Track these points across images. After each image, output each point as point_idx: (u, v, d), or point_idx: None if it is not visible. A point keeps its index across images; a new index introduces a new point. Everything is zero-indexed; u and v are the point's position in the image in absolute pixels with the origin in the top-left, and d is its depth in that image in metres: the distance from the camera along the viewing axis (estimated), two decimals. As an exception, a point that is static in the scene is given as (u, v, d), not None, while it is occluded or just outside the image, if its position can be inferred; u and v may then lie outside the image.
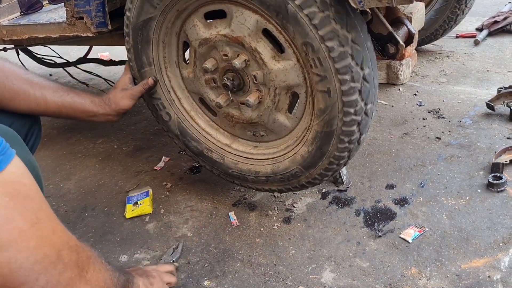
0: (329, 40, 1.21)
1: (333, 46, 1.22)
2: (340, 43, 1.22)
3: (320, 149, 1.42)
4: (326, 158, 1.43)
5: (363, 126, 1.38)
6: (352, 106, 1.30)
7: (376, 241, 1.57)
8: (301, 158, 1.48)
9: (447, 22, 2.84)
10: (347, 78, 1.25)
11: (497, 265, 1.41)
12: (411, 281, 1.40)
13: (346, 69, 1.24)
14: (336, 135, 1.36)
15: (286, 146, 1.56)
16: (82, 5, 1.63)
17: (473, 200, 1.69)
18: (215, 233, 1.70)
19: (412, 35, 1.63)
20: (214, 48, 1.48)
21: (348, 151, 1.41)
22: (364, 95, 1.31)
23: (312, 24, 1.20)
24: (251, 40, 1.38)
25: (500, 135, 2.07)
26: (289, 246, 1.60)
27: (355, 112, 1.32)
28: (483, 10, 3.80)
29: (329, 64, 1.24)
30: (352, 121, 1.33)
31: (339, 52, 1.22)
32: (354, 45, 1.24)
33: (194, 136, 1.71)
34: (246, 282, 1.47)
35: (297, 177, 1.53)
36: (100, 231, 1.78)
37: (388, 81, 2.71)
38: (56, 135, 2.64)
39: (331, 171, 1.48)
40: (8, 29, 1.96)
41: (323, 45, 1.22)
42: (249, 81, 1.47)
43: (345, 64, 1.24)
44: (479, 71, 2.77)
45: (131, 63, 1.65)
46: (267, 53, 1.38)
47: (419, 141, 2.11)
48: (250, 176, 1.64)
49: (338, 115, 1.32)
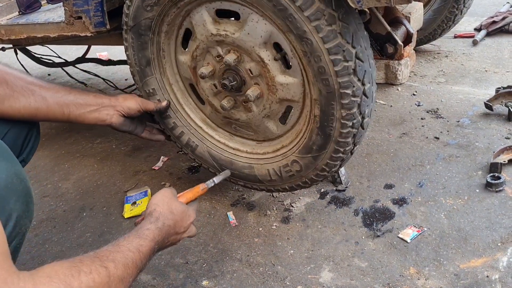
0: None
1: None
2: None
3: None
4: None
5: (363, 107, 1.38)
6: (349, 87, 1.30)
7: (374, 241, 1.57)
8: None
9: (446, 22, 2.84)
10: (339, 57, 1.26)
11: (496, 265, 1.41)
12: (410, 280, 1.40)
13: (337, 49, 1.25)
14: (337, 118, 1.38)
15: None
16: (81, 5, 1.63)
17: (472, 200, 1.70)
18: (214, 233, 1.70)
19: (411, 35, 1.63)
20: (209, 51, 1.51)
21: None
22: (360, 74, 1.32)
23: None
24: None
25: (498, 135, 2.07)
26: (288, 246, 1.60)
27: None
28: (482, 10, 3.80)
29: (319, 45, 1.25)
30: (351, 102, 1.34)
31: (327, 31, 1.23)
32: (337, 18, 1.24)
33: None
34: (244, 282, 1.47)
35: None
36: (99, 231, 1.78)
37: (386, 81, 2.71)
38: (54, 135, 2.64)
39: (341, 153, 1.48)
40: (7, 28, 1.96)
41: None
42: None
43: (335, 43, 1.25)
44: (478, 71, 2.77)
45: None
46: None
47: (417, 141, 2.11)
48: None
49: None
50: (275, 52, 1.39)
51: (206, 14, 1.46)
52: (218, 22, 1.46)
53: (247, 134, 1.66)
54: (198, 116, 1.74)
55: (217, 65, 1.52)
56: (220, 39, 1.45)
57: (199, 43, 1.52)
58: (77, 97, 1.43)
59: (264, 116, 1.53)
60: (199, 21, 1.48)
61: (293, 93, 1.43)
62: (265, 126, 1.56)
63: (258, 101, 1.50)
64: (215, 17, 1.46)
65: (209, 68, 1.53)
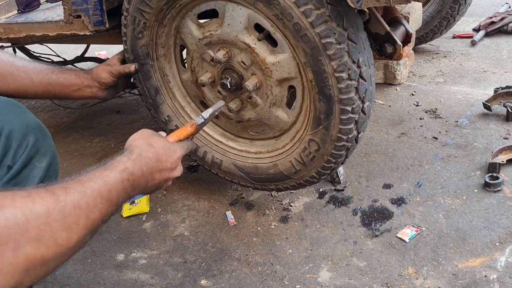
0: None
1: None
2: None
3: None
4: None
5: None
6: (329, 36, 1.27)
7: (373, 240, 1.57)
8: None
9: (445, 22, 2.85)
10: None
11: (494, 265, 1.41)
12: (408, 280, 1.40)
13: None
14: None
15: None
16: (80, 4, 1.63)
17: (470, 200, 1.70)
18: (212, 232, 1.70)
19: (410, 35, 1.63)
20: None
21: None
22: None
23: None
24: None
25: (496, 135, 2.07)
26: (286, 245, 1.60)
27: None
28: (480, 10, 3.81)
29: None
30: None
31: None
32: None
33: None
34: (243, 281, 1.47)
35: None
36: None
37: (385, 81, 2.71)
38: (53, 134, 2.60)
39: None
40: (5, 27, 1.95)
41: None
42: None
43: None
44: (476, 72, 2.78)
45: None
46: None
47: (416, 141, 2.12)
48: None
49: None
50: (258, 33, 1.40)
51: (190, 23, 1.52)
52: (202, 26, 1.51)
53: (264, 133, 1.64)
54: (216, 131, 1.73)
55: (214, 69, 1.53)
56: (208, 41, 1.49)
57: (192, 54, 1.56)
58: (59, 77, 1.51)
59: (271, 106, 1.51)
60: (187, 32, 1.54)
61: (288, 69, 1.41)
62: (275, 116, 1.53)
63: (260, 92, 1.49)
64: (198, 23, 1.51)
65: (207, 75, 1.54)
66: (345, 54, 1.27)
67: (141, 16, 1.53)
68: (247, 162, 1.67)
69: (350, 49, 1.28)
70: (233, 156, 1.70)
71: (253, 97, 1.51)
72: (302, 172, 1.55)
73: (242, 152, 1.69)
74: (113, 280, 1.54)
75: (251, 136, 1.68)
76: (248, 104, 1.54)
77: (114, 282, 1.53)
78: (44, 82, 1.47)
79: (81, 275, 1.57)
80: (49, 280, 1.56)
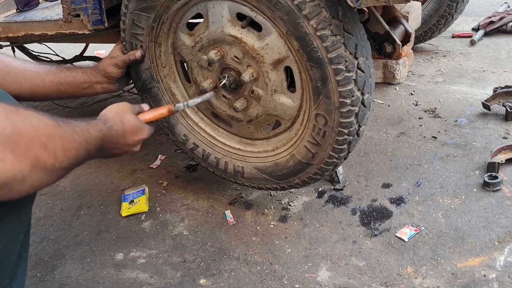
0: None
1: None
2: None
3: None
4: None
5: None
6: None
7: (372, 240, 1.57)
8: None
9: (442, 20, 2.85)
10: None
11: (493, 264, 1.41)
12: (407, 279, 1.40)
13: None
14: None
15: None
16: (79, 3, 1.63)
17: (469, 199, 1.70)
18: (211, 231, 1.70)
19: (409, 35, 1.63)
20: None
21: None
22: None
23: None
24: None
25: (495, 135, 2.07)
26: (285, 244, 1.60)
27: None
28: (480, 10, 3.81)
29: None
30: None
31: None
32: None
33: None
34: (242, 281, 1.47)
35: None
36: (96, 229, 1.77)
37: (384, 81, 2.71)
38: (52, 133, 2.62)
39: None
40: (4, 26, 1.95)
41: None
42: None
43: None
44: (475, 71, 2.78)
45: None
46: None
47: (415, 140, 2.12)
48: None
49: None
50: (240, 22, 1.41)
51: (182, 35, 1.56)
52: (192, 34, 1.54)
53: (277, 127, 1.63)
54: (234, 140, 1.73)
55: (213, 73, 1.54)
56: (200, 46, 1.51)
57: (191, 65, 1.58)
58: (68, 75, 1.51)
59: (273, 93, 1.49)
60: (181, 44, 1.57)
61: (278, 49, 1.39)
62: (280, 104, 1.51)
63: (258, 82, 1.48)
64: (188, 32, 1.55)
65: (208, 81, 1.55)
66: (322, 11, 1.26)
67: (136, 40, 1.57)
68: (267, 161, 1.64)
69: (326, 4, 1.26)
70: (253, 159, 1.67)
71: (254, 90, 1.50)
72: (319, 154, 1.50)
73: (260, 153, 1.66)
74: (112, 279, 1.54)
75: (267, 135, 1.67)
76: (252, 99, 1.54)
77: (113, 282, 1.53)
78: (55, 81, 1.47)
79: (80, 274, 1.57)
80: (48, 279, 1.56)
